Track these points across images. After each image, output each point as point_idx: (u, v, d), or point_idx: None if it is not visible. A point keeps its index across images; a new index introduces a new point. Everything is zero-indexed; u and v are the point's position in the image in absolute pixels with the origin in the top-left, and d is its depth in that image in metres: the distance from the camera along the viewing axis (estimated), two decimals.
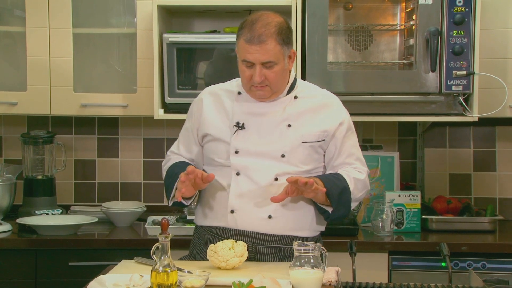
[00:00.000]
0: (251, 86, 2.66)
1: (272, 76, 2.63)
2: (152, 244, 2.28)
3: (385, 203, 3.66)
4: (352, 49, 3.83)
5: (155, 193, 4.19)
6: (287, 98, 2.75)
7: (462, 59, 3.55)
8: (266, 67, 2.61)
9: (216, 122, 2.77)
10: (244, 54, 2.62)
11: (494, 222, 3.72)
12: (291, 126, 2.70)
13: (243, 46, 2.62)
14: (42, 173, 3.95)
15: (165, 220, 2.24)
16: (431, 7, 3.54)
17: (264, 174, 2.67)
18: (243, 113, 2.73)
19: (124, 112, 3.85)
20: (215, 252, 2.51)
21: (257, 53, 2.59)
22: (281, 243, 2.71)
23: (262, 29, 2.59)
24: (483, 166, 4.14)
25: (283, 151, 2.68)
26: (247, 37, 2.60)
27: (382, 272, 3.48)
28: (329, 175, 2.74)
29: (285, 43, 2.63)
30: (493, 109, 3.64)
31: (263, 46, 2.58)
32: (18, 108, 3.84)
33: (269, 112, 2.72)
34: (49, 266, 3.51)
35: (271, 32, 2.59)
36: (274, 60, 2.61)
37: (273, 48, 2.60)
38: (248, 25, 2.62)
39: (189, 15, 4.10)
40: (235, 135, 2.71)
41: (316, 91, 2.83)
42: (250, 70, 2.63)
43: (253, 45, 2.59)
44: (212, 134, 2.76)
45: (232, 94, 2.79)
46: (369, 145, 4.06)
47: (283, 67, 2.66)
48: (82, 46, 3.90)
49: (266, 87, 2.66)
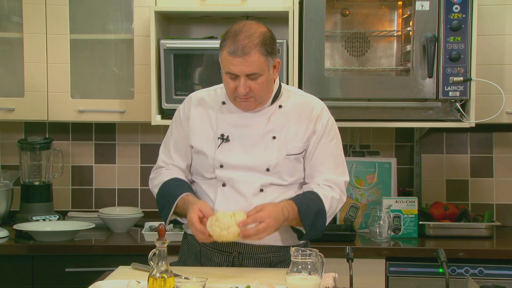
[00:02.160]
0: (236, 97, 2.63)
1: (256, 87, 2.59)
2: (149, 250, 2.27)
3: (382, 209, 3.66)
4: (349, 55, 3.83)
5: (152, 199, 4.14)
6: (271, 108, 2.72)
7: (459, 65, 3.55)
8: (250, 78, 2.57)
9: (201, 134, 2.74)
10: (228, 66, 2.57)
11: (491, 228, 3.73)
12: (276, 138, 2.68)
13: (226, 58, 2.56)
14: (39, 179, 3.95)
15: (162, 226, 2.24)
16: (428, 13, 3.55)
17: (250, 185, 2.65)
18: (228, 124, 2.71)
19: (121, 118, 3.85)
20: (216, 219, 2.46)
21: (241, 65, 2.54)
22: (268, 253, 2.70)
23: (246, 40, 2.54)
24: (480, 172, 4.14)
25: (268, 165, 2.66)
26: (230, 49, 2.54)
27: (379, 278, 3.47)
28: (304, 196, 2.67)
29: (269, 53, 2.58)
30: (490, 115, 3.65)
31: (247, 58, 2.53)
32: (15, 114, 3.84)
33: (254, 123, 2.70)
34: (46, 272, 3.51)
35: (255, 44, 2.54)
36: (258, 72, 2.57)
37: (257, 60, 2.55)
38: (231, 36, 2.57)
39: (186, 21, 4.11)
40: (219, 148, 2.68)
41: (301, 98, 2.77)
42: (234, 82, 2.59)
43: (237, 57, 2.54)
44: (196, 146, 2.74)
45: (217, 103, 2.76)
46: (366, 151, 4.06)
47: (267, 78, 2.61)
48: (79, 52, 3.90)
49: (250, 98, 2.62)
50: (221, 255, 2.70)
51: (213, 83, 2.90)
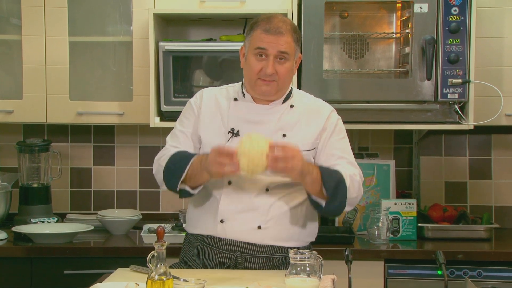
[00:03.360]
0: (258, 79, 2.65)
1: (282, 71, 2.64)
2: (147, 252, 2.27)
3: (381, 211, 3.66)
4: (348, 57, 3.84)
5: (151, 201, 4.18)
6: (283, 106, 2.74)
7: (458, 68, 3.55)
8: (278, 60, 2.63)
9: (211, 127, 2.75)
10: (259, 43, 2.63)
11: (490, 230, 3.73)
12: (286, 136, 2.70)
13: (259, 36, 2.63)
14: (38, 181, 3.95)
15: (161, 228, 2.24)
16: (427, 15, 3.55)
17: (256, 184, 2.66)
18: (239, 119, 2.72)
19: (120, 120, 3.85)
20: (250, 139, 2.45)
21: (274, 42, 2.61)
22: (271, 253, 2.70)
23: (280, 23, 2.64)
24: (479, 174, 4.14)
25: None
26: (265, 28, 2.63)
27: (378, 280, 3.47)
28: (326, 167, 2.67)
29: (298, 43, 2.69)
30: (488, 117, 3.65)
31: (281, 37, 2.61)
32: (14, 116, 3.84)
33: (265, 120, 2.71)
34: (44, 274, 3.50)
35: (288, 29, 2.64)
36: (288, 52, 2.63)
37: (289, 42, 2.63)
38: (265, 19, 2.65)
39: (185, 23, 4.11)
40: (229, 142, 2.69)
41: (311, 101, 2.83)
42: (261, 62, 2.63)
43: (271, 35, 2.61)
44: (206, 139, 2.74)
45: (228, 99, 2.78)
46: (365, 153, 4.06)
47: (292, 66, 2.68)
48: (78, 54, 3.90)
49: (273, 82, 2.65)
50: (224, 255, 2.70)
51: (212, 85, 2.91)
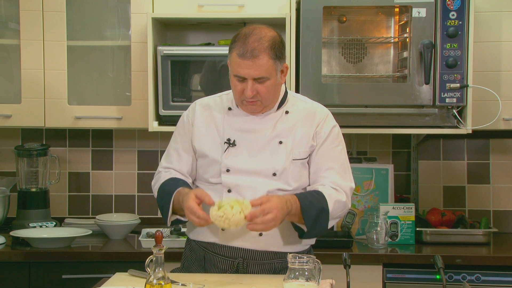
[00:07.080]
0: (243, 100, 2.65)
1: (264, 91, 2.61)
2: (146, 257, 2.27)
3: (379, 216, 3.66)
4: (346, 61, 3.84)
5: (149, 206, 4.18)
6: (277, 113, 2.73)
7: (456, 72, 3.56)
8: (258, 82, 2.59)
9: (206, 138, 2.74)
10: (236, 69, 2.59)
11: (488, 234, 3.73)
12: (282, 143, 2.69)
13: (235, 60, 2.58)
14: (36, 185, 3.94)
15: (159, 233, 2.24)
16: (425, 20, 3.56)
17: (256, 191, 2.64)
18: (234, 129, 2.71)
19: (118, 125, 3.85)
20: (224, 214, 2.43)
21: (249, 68, 2.56)
22: (272, 259, 2.70)
23: (255, 43, 2.56)
24: (477, 178, 4.15)
25: (275, 169, 2.66)
26: (239, 51, 2.56)
27: (377, 284, 3.47)
28: (308, 193, 2.67)
29: (277, 57, 2.60)
30: (487, 121, 3.65)
31: (256, 61, 2.55)
32: (12, 120, 3.84)
33: (260, 129, 2.71)
34: (42, 279, 3.50)
35: (264, 47, 2.56)
36: (266, 76, 2.58)
37: (265, 63, 2.56)
38: (241, 38, 2.58)
39: (183, 27, 4.11)
40: (226, 152, 2.69)
41: (306, 105, 2.80)
42: (242, 84, 2.61)
43: (246, 59, 2.55)
44: (202, 150, 2.74)
45: (223, 109, 2.77)
46: (363, 157, 4.06)
47: (275, 82, 2.63)
48: (76, 58, 3.90)
49: (257, 101, 2.63)
50: (226, 261, 2.69)
51: (210, 89, 2.91)
